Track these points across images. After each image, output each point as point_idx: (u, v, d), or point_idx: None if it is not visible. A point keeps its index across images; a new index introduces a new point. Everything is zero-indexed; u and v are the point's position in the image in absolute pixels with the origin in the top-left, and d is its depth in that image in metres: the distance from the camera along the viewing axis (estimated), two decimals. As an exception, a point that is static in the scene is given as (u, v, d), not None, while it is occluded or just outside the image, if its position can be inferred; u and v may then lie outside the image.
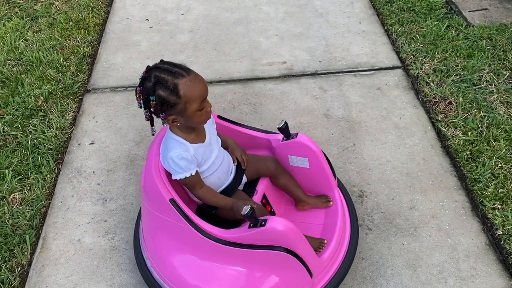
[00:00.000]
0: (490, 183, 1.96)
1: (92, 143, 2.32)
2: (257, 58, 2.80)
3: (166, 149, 1.48)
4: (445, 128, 2.23)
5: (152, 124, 1.46)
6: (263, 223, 1.36)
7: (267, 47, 2.88)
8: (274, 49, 2.86)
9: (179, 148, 1.46)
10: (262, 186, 1.72)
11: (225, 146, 1.71)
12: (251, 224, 1.38)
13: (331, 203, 1.76)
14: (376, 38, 2.89)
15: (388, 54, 2.76)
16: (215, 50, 2.88)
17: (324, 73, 2.67)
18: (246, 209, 1.34)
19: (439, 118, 2.28)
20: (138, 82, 1.41)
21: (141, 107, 1.41)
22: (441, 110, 2.32)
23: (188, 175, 1.47)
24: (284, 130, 1.68)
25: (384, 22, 2.98)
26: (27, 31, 3.01)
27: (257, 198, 1.67)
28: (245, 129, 1.80)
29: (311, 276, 1.47)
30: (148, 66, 1.42)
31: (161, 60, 1.45)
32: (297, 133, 1.69)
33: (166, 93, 1.36)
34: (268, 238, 1.38)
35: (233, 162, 1.70)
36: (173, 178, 1.49)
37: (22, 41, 2.93)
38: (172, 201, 1.45)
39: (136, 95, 1.39)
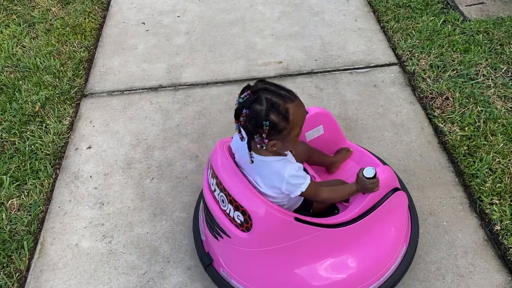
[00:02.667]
0: (488, 178, 1.95)
1: (89, 148, 2.33)
2: (253, 58, 2.80)
3: (278, 173, 1.37)
4: (442, 124, 2.21)
5: (250, 149, 1.36)
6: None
7: (263, 47, 2.87)
8: (270, 49, 2.85)
9: (285, 163, 1.38)
10: (311, 172, 1.79)
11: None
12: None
13: (351, 149, 1.90)
14: (372, 35, 2.88)
15: (384, 51, 2.75)
16: (211, 52, 2.88)
17: (320, 72, 2.66)
18: (370, 171, 1.43)
19: (436, 114, 2.27)
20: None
21: (239, 131, 1.32)
22: (438, 105, 2.31)
23: (309, 181, 1.40)
24: None
25: (380, 19, 2.97)
26: (24, 38, 3.03)
27: None
28: None
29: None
30: (250, 86, 1.29)
31: (263, 80, 1.32)
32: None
33: (278, 118, 1.26)
34: (387, 184, 1.53)
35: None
36: (298, 193, 1.39)
37: (20, 48, 2.95)
38: (297, 219, 1.39)
39: (240, 117, 1.27)
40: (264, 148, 1.30)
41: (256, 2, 3.29)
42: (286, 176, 1.36)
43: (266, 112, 1.24)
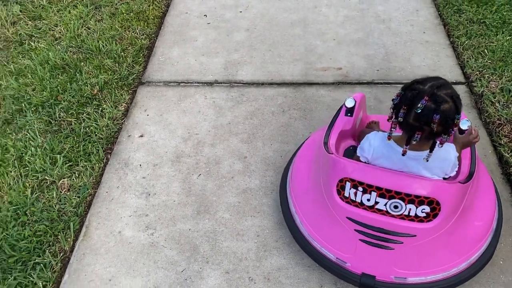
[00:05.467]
0: (555, 219, 1.80)
1: (142, 136, 2.35)
2: (312, 62, 2.73)
3: (445, 159, 1.49)
4: (508, 154, 2.07)
5: (432, 149, 1.41)
6: None
7: (324, 51, 2.80)
8: (331, 54, 2.78)
9: (447, 147, 1.48)
10: None
11: None
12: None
13: (377, 121, 2.04)
14: (440, 49, 2.74)
15: (451, 68, 2.60)
16: (269, 51, 2.83)
17: (381, 83, 2.56)
18: (465, 123, 1.58)
19: (502, 142, 2.13)
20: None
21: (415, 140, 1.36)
22: (506, 133, 2.16)
23: None
24: (353, 108, 1.83)
25: (450, 34, 2.82)
26: (90, 20, 3.10)
27: None
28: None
29: None
30: (422, 88, 1.33)
31: (429, 77, 1.39)
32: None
33: (460, 104, 1.35)
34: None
35: None
36: (456, 170, 1.54)
37: (85, 29, 3.02)
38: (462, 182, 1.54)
39: (431, 125, 1.30)
40: (447, 140, 1.37)
41: (320, 3, 3.21)
42: (453, 158, 1.49)
43: (456, 106, 1.31)
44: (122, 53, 2.81)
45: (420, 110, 1.30)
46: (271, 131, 2.33)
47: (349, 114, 1.83)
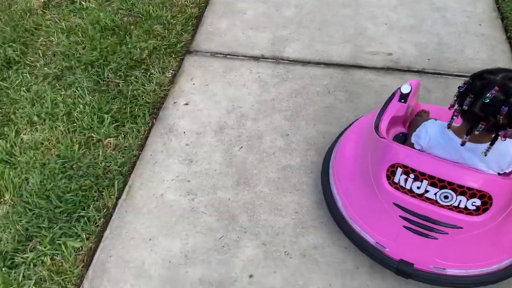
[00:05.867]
0: None
1: (187, 104, 2.38)
2: (361, 45, 2.69)
3: (505, 153, 1.47)
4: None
5: (493, 143, 1.38)
6: None
7: (374, 34, 2.75)
8: (381, 38, 2.72)
9: (508, 142, 1.44)
10: None
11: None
12: None
13: (428, 110, 2.00)
14: (495, 44, 2.65)
15: (506, 64, 2.52)
16: (319, 30, 2.80)
17: (431, 73, 2.50)
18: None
19: (554, 144, 2.07)
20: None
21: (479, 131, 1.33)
22: (559, 135, 2.09)
23: None
24: (408, 94, 1.82)
25: (508, 28, 2.72)
26: (141, -16, 3.11)
27: None
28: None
29: None
30: (493, 78, 1.30)
31: (501, 68, 1.34)
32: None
33: None
34: None
35: None
36: None
37: (136, -7, 3.04)
38: None
39: (497, 116, 1.27)
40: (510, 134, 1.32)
41: (374, -14, 3.13)
42: None
43: None
44: (172, 20, 2.82)
45: (488, 100, 1.27)
46: (315, 111, 2.32)
47: (402, 100, 1.80)
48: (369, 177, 1.63)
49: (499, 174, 1.50)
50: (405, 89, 1.79)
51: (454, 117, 1.39)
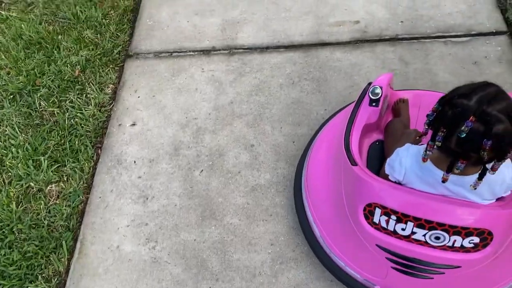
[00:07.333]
0: None
1: (134, 124, 2.07)
2: (323, 15, 2.33)
3: (501, 181, 1.18)
4: None
5: (481, 177, 1.09)
6: None
7: (337, 0, 2.37)
8: (346, 3, 2.35)
9: (506, 167, 1.16)
10: None
11: None
12: None
13: (406, 98, 1.71)
14: (476, -11, 2.29)
15: (490, 14, 2.18)
16: (274, 4, 2.42)
17: (407, 39, 2.17)
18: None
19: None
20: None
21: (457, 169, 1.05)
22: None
23: None
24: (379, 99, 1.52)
25: (489, -33, 2.34)
26: (64, -22, 2.68)
27: None
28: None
29: None
30: (466, 105, 0.98)
31: (476, 86, 1.03)
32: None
33: None
34: None
35: None
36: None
37: (59, -9, 2.62)
38: None
39: (480, 152, 0.98)
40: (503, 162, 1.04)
41: None
42: (508, 180, 1.17)
43: None
44: (104, 20, 2.44)
45: (464, 135, 0.97)
46: (280, 110, 2.02)
47: (374, 104, 1.50)
48: (345, 212, 1.37)
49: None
50: (375, 93, 1.48)
51: (427, 152, 1.09)
